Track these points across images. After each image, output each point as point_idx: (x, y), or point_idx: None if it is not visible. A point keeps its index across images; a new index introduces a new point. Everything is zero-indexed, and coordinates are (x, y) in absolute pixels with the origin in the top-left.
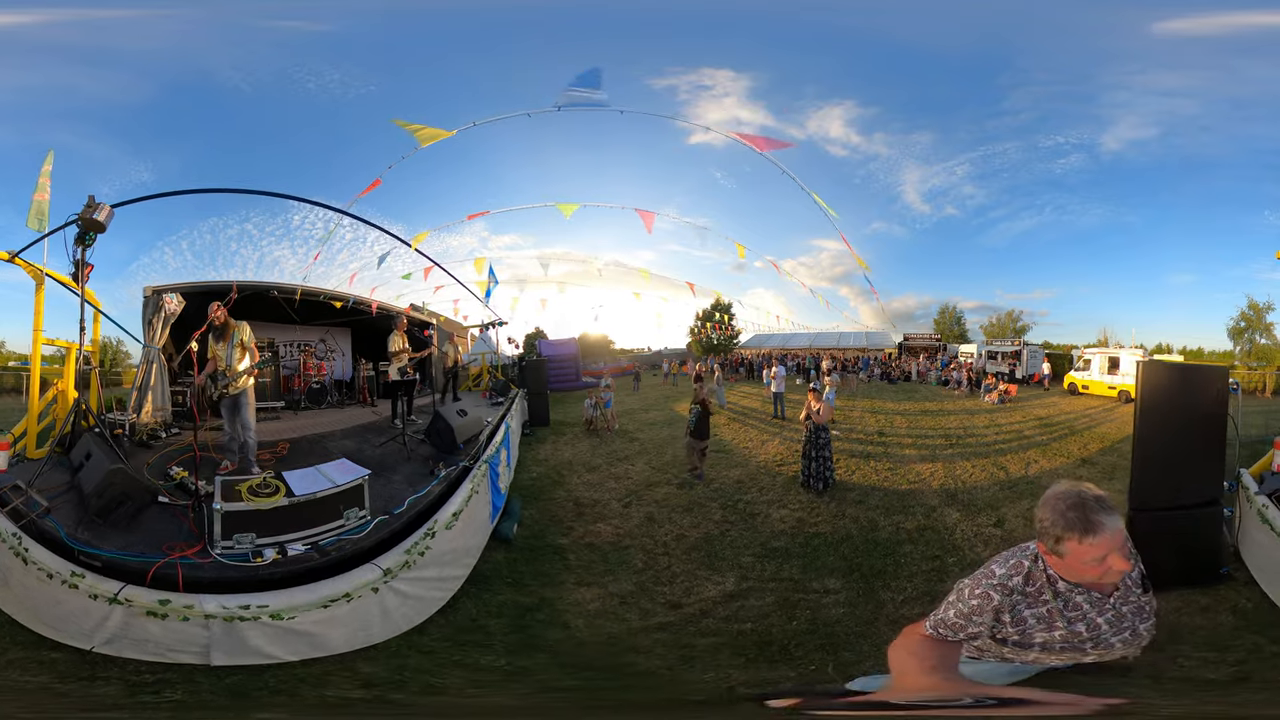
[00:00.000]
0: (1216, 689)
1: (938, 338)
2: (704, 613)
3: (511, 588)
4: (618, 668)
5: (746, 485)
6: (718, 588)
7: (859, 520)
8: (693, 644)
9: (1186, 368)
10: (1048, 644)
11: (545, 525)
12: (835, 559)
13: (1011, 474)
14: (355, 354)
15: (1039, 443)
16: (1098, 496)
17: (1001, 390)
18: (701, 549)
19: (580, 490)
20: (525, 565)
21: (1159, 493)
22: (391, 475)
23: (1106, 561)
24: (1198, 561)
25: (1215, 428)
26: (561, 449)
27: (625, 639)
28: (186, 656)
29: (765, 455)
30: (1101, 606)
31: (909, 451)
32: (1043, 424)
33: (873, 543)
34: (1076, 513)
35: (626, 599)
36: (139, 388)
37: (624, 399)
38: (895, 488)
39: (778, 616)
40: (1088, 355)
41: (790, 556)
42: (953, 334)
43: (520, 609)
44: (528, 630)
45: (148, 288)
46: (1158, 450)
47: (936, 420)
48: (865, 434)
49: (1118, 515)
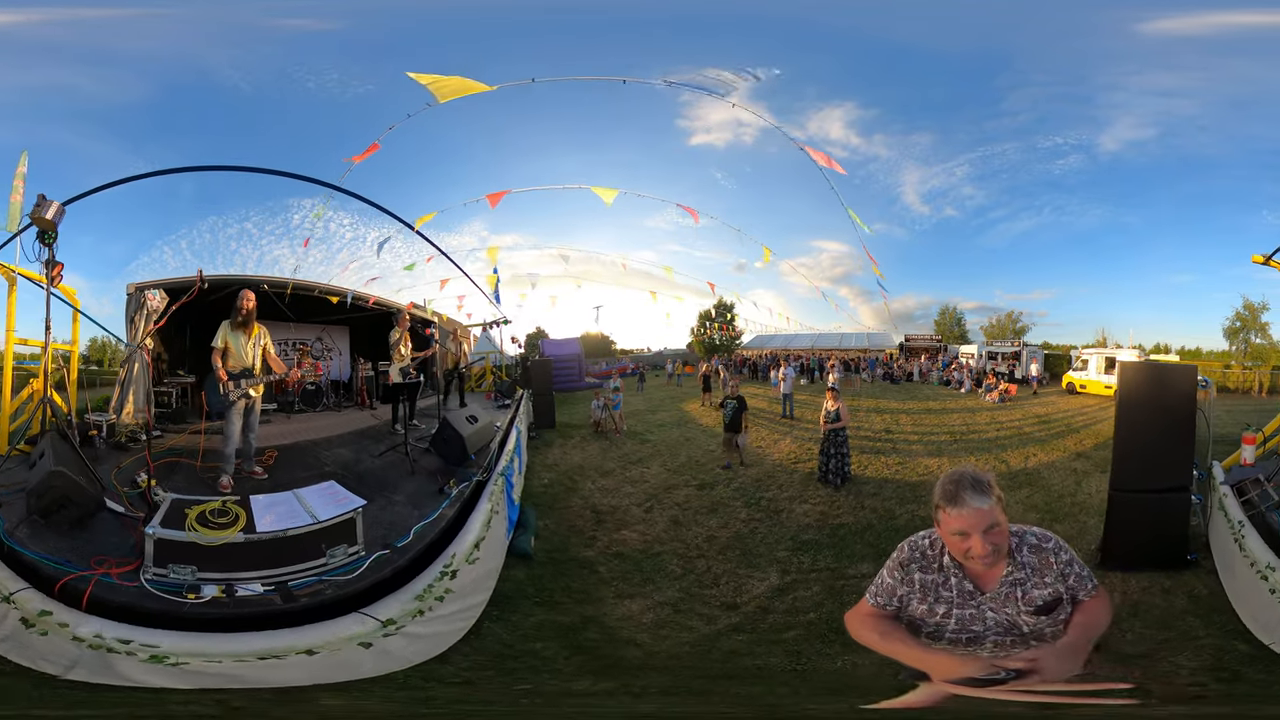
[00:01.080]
0: (1139, 661)
1: (938, 339)
2: (764, 609)
3: (543, 607)
4: (737, 673)
5: (765, 483)
6: (764, 584)
7: (877, 510)
8: (780, 639)
9: (1159, 366)
10: (939, 625)
11: (565, 536)
12: (863, 546)
13: (1012, 466)
14: (353, 353)
15: (1038, 439)
16: (975, 477)
17: (1002, 389)
18: (735, 548)
19: (596, 496)
20: (552, 581)
21: (1134, 476)
22: (392, 494)
23: (970, 540)
24: (1167, 545)
25: (1185, 419)
26: (570, 453)
27: (711, 644)
28: (51, 668)
29: (779, 454)
30: (967, 599)
31: (916, 447)
32: (1041, 421)
33: (893, 529)
34: (951, 485)
35: (679, 606)
36: (121, 386)
37: (629, 399)
38: (906, 480)
39: (832, 604)
40: (1085, 355)
41: (822, 548)
42: (953, 335)
43: (562, 629)
44: (590, 650)
45: (130, 285)
46: (1134, 438)
47: (940, 419)
48: (873, 432)
49: (989, 499)
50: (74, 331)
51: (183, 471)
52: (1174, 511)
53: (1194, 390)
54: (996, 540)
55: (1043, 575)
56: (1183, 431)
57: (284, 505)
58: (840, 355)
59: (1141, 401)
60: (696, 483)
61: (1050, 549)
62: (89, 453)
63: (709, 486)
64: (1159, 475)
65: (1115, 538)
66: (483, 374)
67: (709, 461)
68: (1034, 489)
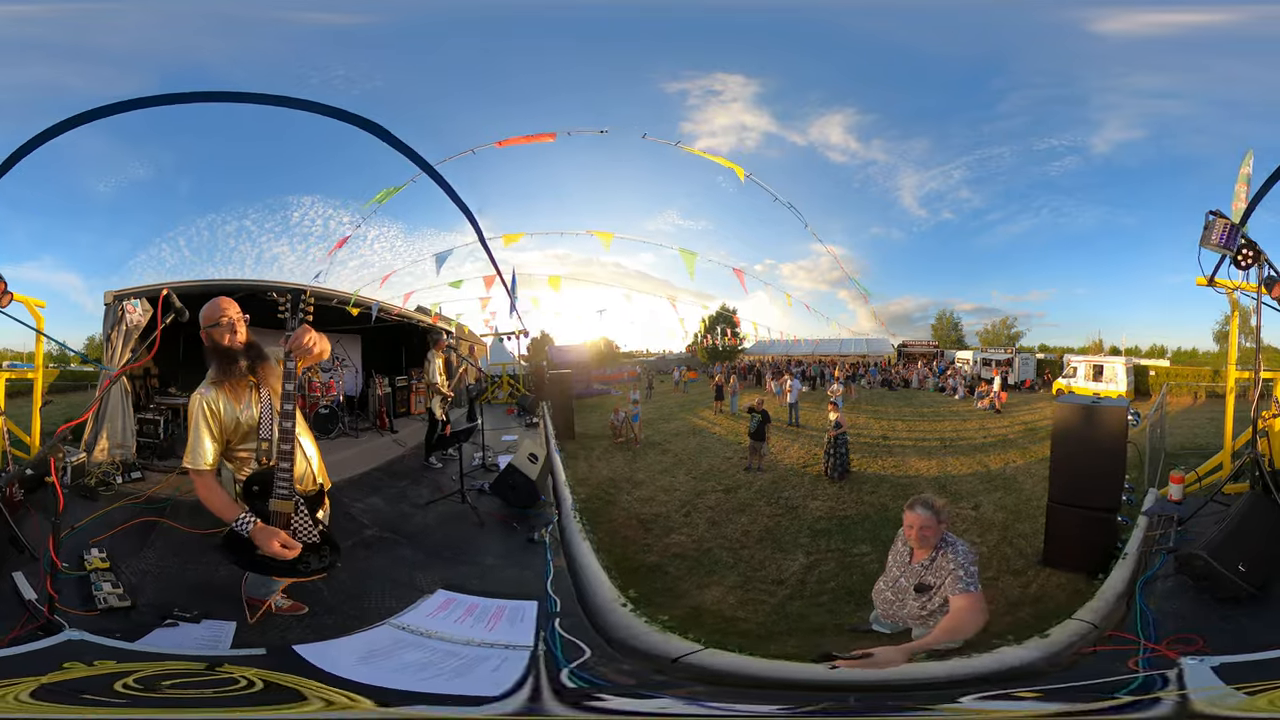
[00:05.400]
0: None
1: (935, 345)
2: (802, 582)
3: (651, 606)
4: (815, 629)
5: (782, 485)
6: (797, 564)
7: (874, 505)
8: (819, 602)
9: (1091, 406)
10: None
11: (623, 546)
12: (863, 532)
13: (991, 470)
14: (366, 366)
15: (1020, 445)
16: (926, 500)
17: (993, 397)
18: (768, 540)
19: (636, 507)
20: (638, 587)
21: (1066, 494)
22: (479, 557)
23: (910, 530)
24: (1091, 554)
25: (1116, 451)
26: (596, 465)
27: (784, 609)
28: None
29: (790, 459)
30: (903, 562)
31: (909, 451)
32: (1027, 429)
33: (885, 519)
34: (912, 499)
35: (746, 587)
36: (95, 419)
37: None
38: (899, 480)
39: (845, 575)
40: (1075, 362)
41: (833, 534)
42: (950, 340)
43: (685, 620)
44: (723, 629)
45: (108, 294)
46: (1067, 464)
47: (933, 424)
48: (871, 437)
49: (928, 513)
50: (38, 353)
51: (160, 541)
52: (1100, 528)
53: (1124, 427)
54: (923, 535)
55: (938, 572)
56: (1113, 462)
57: (408, 652)
58: (842, 361)
59: (1073, 437)
60: (722, 488)
61: (953, 555)
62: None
63: (733, 490)
64: (1088, 496)
65: (1051, 542)
66: (498, 386)
67: (729, 469)
68: (1007, 492)
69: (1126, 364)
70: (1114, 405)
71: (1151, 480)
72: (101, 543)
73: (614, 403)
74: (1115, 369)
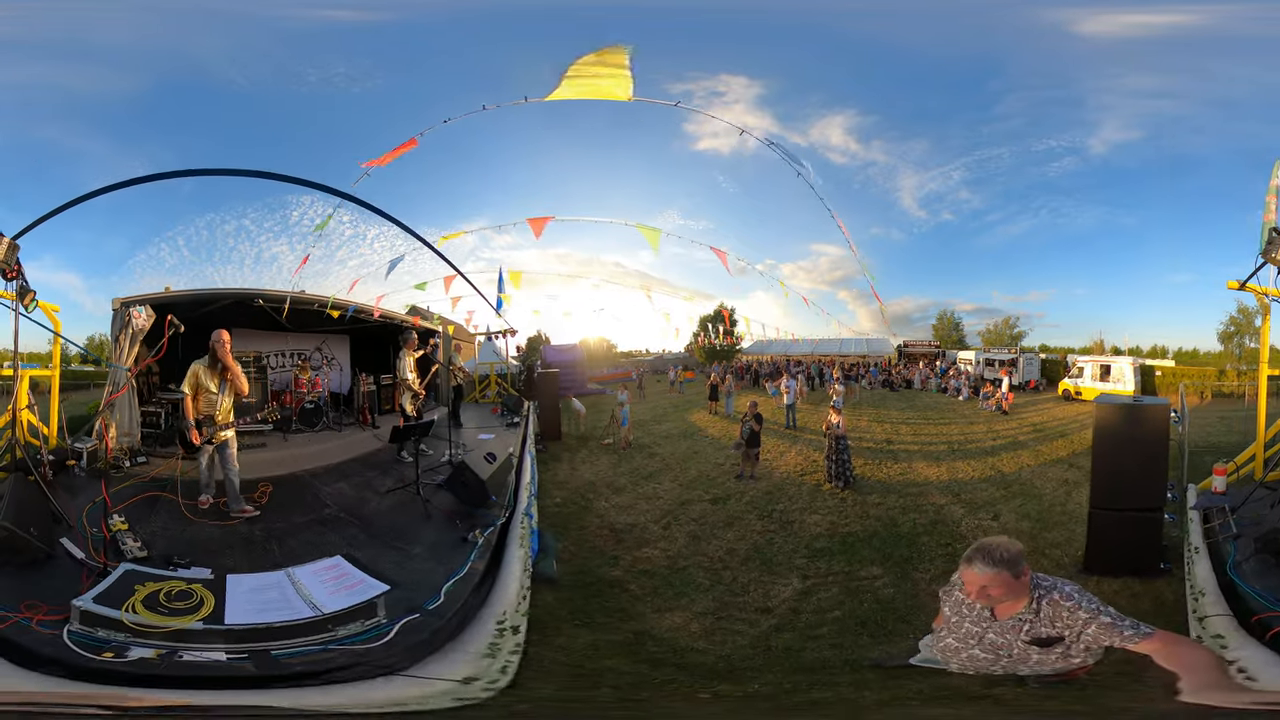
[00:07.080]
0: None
1: (936, 345)
2: (795, 610)
3: (586, 628)
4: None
5: (776, 496)
6: (789, 588)
7: (882, 519)
8: (819, 634)
9: (1134, 407)
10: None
11: (587, 557)
12: (870, 552)
13: (1006, 475)
14: (353, 365)
15: (1032, 447)
16: (988, 550)
17: (999, 397)
18: (755, 558)
19: (612, 514)
20: (585, 602)
21: (1110, 498)
22: (409, 546)
23: (969, 589)
24: (1140, 556)
25: (1157, 451)
26: (580, 468)
27: (768, 642)
28: None
29: (787, 466)
30: (982, 621)
31: (916, 457)
32: (1037, 430)
33: (896, 536)
34: (972, 550)
35: (719, 614)
36: (105, 411)
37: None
38: (906, 490)
39: (853, 603)
40: (1081, 362)
41: (834, 554)
42: (951, 340)
43: (617, 646)
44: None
45: (116, 300)
46: (1109, 467)
47: (939, 428)
48: (875, 441)
49: (992, 569)
50: (55, 354)
51: (164, 509)
52: (1147, 528)
53: (1166, 425)
54: (990, 596)
55: (1053, 622)
56: (1156, 462)
57: (272, 591)
58: (841, 361)
59: (1116, 437)
60: (710, 497)
61: (1070, 605)
62: (66, 481)
63: (722, 501)
64: (1133, 498)
65: (1094, 548)
66: (486, 385)
67: (719, 475)
68: (1026, 499)
69: (1134, 364)
70: (1155, 403)
71: (1183, 477)
72: (119, 511)
73: (609, 403)
74: (1123, 369)
